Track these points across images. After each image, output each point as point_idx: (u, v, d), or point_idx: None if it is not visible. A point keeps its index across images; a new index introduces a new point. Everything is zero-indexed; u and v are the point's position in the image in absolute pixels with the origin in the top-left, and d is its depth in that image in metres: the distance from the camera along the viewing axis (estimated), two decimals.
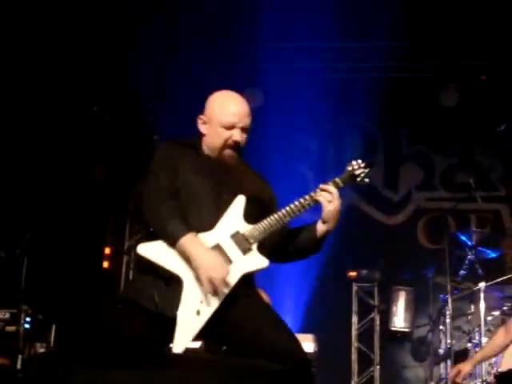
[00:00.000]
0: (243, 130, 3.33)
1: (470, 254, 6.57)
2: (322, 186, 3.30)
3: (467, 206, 7.36)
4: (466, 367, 4.93)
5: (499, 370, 5.58)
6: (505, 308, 6.09)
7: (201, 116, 3.40)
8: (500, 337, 4.89)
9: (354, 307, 7.60)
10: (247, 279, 3.23)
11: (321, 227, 3.34)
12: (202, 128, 3.39)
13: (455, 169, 7.93)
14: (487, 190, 7.58)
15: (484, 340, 5.99)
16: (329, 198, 3.28)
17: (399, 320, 7.49)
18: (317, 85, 7.81)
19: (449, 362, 6.30)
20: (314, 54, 7.67)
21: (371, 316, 7.59)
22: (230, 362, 2.90)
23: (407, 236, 7.88)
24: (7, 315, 6.01)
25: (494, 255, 6.69)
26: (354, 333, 7.54)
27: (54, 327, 6.51)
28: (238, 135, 3.31)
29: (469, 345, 6.34)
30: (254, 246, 3.21)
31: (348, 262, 7.62)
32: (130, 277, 6.93)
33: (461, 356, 6.38)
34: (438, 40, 7.31)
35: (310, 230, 3.36)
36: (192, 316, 3.07)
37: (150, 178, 3.29)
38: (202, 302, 3.09)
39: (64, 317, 6.75)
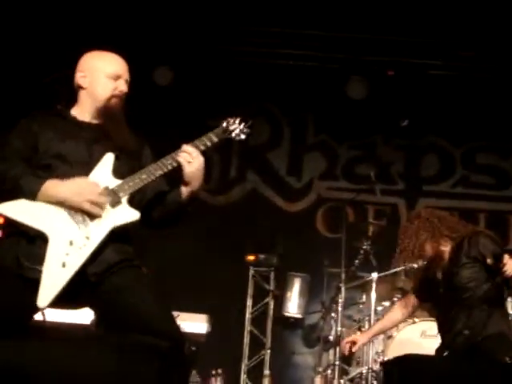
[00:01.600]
0: (127, 82, 3.39)
1: (365, 244, 6.70)
2: (183, 146, 3.30)
3: (366, 198, 7.49)
4: (362, 338, 5.04)
5: (385, 358, 5.77)
6: (395, 299, 6.26)
7: (79, 71, 3.41)
8: (398, 310, 5.00)
9: (250, 291, 7.65)
10: (123, 247, 3.22)
11: (184, 190, 3.32)
12: (82, 81, 3.39)
13: (357, 160, 8.07)
14: (386, 184, 7.76)
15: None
16: (188, 158, 3.26)
17: (293, 306, 7.58)
18: (227, 69, 7.81)
19: (338, 349, 6.43)
20: (223, 37, 7.62)
21: (266, 301, 7.65)
22: (120, 339, 2.86)
23: (307, 223, 7.97)
24: None
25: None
26: (247, 316, 7.58)
27: None
28: (124, 86, 3.36)
29: (358, 333, 6.48)
30: (124, 200, 3.21)
31: (247, 245, 7.64)
32: None
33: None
34: (350, 32, 7.39)
35: (175, 193, 3.35)
36: (57, 269, 3.01)
37: (2, 146, 3.28)
38: (67, 254, 3.04)
39: None
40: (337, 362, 6.35)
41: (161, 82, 7.76)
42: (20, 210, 3.09)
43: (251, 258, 7.60)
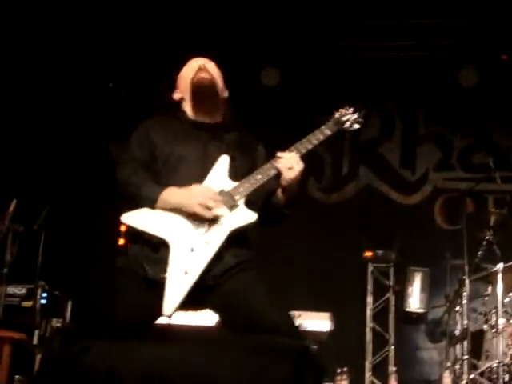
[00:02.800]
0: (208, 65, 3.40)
1: (487, 234, 6.51)
2: (280, 153, 3.24)
3: (485, 187, 7.26)
4: None
5: None
6: None
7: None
8: None
9: (370, 287, 7.58)
10: (241, 250, 3.21)
11: (281, 196, 3.30)
12: (176, 95, 3.45)
13: (473, 149, 7.87)
14: (505, 171, 7.51)
15: (501, 321, 5.95)
16: (287, 164, 3.21)
17: (414, 301, 7.46)
18: (334, 64, 7.77)
19: (465, 344, 6.27)
20: (332, 33, 7.57)
21: (386, 296, 7.56)
22: (251, 339, 2.88)
23: (424, 216, 7.83)
24: (24, 290, 6.05)
25: None
26: (368, 313, 7.52)
27: (69, 303, 6.54)
28: (200, 61, 3.40)
29: (485, 326, 6.31)
30: (241, 202, 3.19)
31: (364, 242, 7.57)
32: None
33: (477, 338, 6.36)
34: (458, 19, 7.20)
35: (275, 197, 3.33)
36: (180, 276, 3.04)
37: (123, 154, 3.38)
38: (189, 260, 3.07)
39: (80, 293, 6.77)
40: (465, 357, 6.19)
41: (268, 82, 7.79)
42: (142, 219, 3.15)
43: (369, 254, 7.53)
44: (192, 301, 3.14)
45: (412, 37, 7.51)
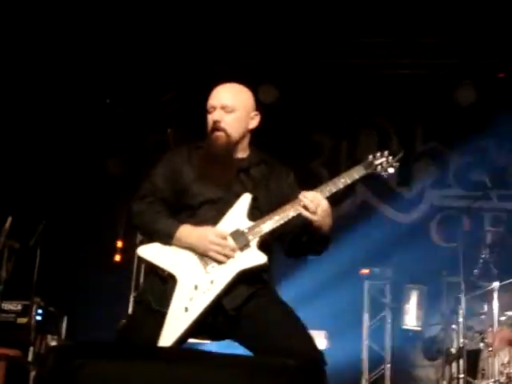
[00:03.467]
0: (224, 109, 3.28)
1: (484, 253, 6.51)
2: (301, 194, 3.14)
3: (482, 205, 7.27)
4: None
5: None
6: None
7: None
8: None
9: (366, 305, 7.55)
10: (255, 278, 3.18)
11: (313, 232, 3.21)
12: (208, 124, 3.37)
13: (470, 167, 7.88)
14: (502, 189, 7.52)
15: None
16: (311, 208, 3.11)
17: (411, 318, 7.44)
18: (331, 82, 7.79)
19: (461, 362, 6.26)
20: (330, 50, 7.60)
21: (383, 314, 7.54)
22: (245, 359, 2.87)
23: (420, 234, 7.83)
24: (19, 307, 6.03)
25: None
26: (365, 331, 7.49)
27: (65, 320, 6.52)
28: (215, 114, 3.27)
29: (481, 345, 6.30)
30: (253, 243, 3.15)
31: (360, 259, 7.56)
32: (142, 270, 6.92)
33: (473, 356, 6.35)
34: (455, 37, 7.23)
35: (307, 233, 3.24)
36: (180, 313, 3.06)
37: (144, 181, 3.35)
38: (191, 298, 3.08)
39: (75, 310, 6.76)
40: (461, 375, 6.18)
41: (266, 99, 7.79)
42: (156, 254, 3.20)
43: (365, 271, 7.51)
44: (214, 331, 3.19)
45: (409, 55, 7.53)
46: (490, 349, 5.92)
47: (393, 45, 7.36)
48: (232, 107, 3.28)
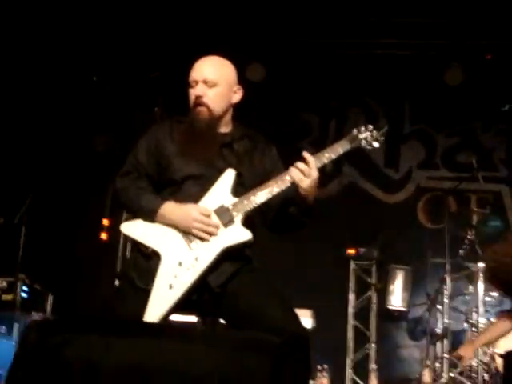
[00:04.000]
0: (207, 83, 3.23)
1: (469, 234, 6.54)
2: (295, 163, 3.15)
3: (468, 186, 7.29)
4: (468, 352, 4.85)
5: (496, 350, 5.59)
6: None
7: None
8: (506, 324, 4.77)
9: (352, 285, 7.58)
10: (239, 255, 3.18)
11: (298, 204, 3.23)
12: (190, 97, 3.33)
13: (457, 148, 7.89)
14: (489, 171, 7.53)
15: (482, 320, 5.99)
16: (300, 176, 3.13)
17: (396, 299, 7.47)
18: (320, 61, 7.76)
19: (445, 342, 6.30)
20: (318, 30, 7.56)
21: (368, 294, 7.57)
22: (229, 335, 2.87)
23: (407, 215, 7.83)
24: (4, 284, 6.01)
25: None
26: (350, 310, 7.52)
27: (50, 297, 6.51)
28: (197, 89, 3.23)
29: (465, 325, 6.35)
30: (237, 219, 3.14)
31: (347, 239, 7.58)
32: (128, 249, 6.91)
33: (457, 336, 6.40)
34: (444, 18, 7.21)
35: (294, 204, 3.25)
36: (164, 290, 3.04)
37: (128, 157, 3.34)
38: (176, 276, 3.06)
39: (61, 287, 6.74)
40: (445, 355, 6.22)
41: (254, 78, 7.76)
42: (139, 230, 3.18)
43: (352, 251, 7.54)
44: (198, 308, 3.19)
45: (398, 35, 7.50)
46: (475, 330, 5.98)
47: (382, 24, 7.33)
48: (214, 81, 3.24)
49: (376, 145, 3.33)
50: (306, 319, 5.57)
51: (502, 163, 7.80)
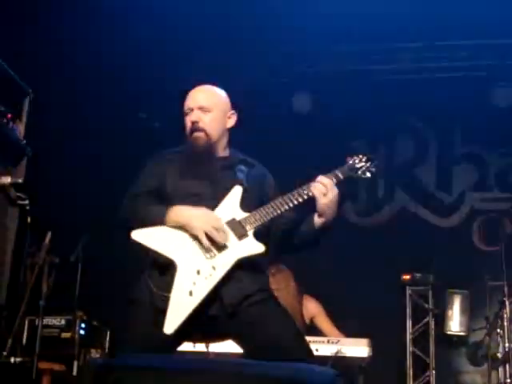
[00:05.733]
0: (201, 109, 3.37)
1: None
2: (318, 178, 3.29)
3: None
4: None
5: None
6: None
7: None
8: None
9: (409, 311, 7.48)
10: (259, 282, 3.26)
11: (317, 220, 3.33)
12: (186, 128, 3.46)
13: (510, 169, 7.79)
14: None
15: None
16: (323, 190, 3.25)
17: (455, 324, 7.36)
18: (367, 87, 7.75)
19: (507, 367, 6.16)
20: (364, 56, 7.57)
21: (426, 320, 7.47)
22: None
23: (462, 238, 7.74)
24: (63, 322, 6.09)
25: None
26: (408, 337, 7.42)
27: (108, 333, 6.57)
28: (193, 116, 3.35)
29: None
30: (250, 233, 3.23)
31: (402, 265, 7.50)
32: None
33: None
34: (491, 38, 7.15)
35: (308, 223, 3.35)
36: (184, 297, 3.07)
37: (134, 186, 3.41)
38: (194, 283, 3.10)
39: (118, 323, 6.80)
40: (508, 380, 6.09)
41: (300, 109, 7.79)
42: (152, 237, 3.19)
43: (407, 277, 7.45)
44: (212, 330, 3.21)
45: (445, 57, 7.47)
46: None
47: (427, 47, 7.32)
48: (209, 107, 3.38)
49: (368, 175, 3.46)
50: (363, 348, 5.50)
51: None
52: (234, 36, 7.08)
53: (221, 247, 3.17)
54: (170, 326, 3.03)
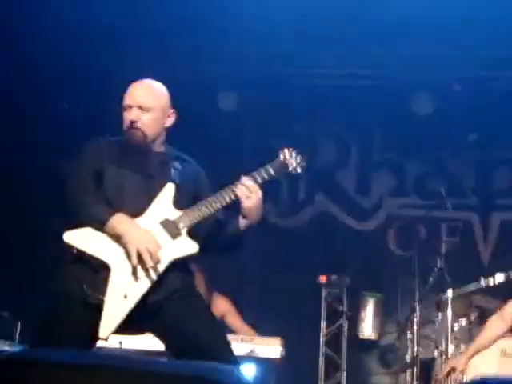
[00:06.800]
0: (141, 108, 3.34)
1: (439, 262, 6.58)
2: (242, 179, 3.31)
3: (438, 214, 7.34)
4: (460, 363, 4.84)
5: (464, 378, 5.60)
6: (471, 316, 6.11)
7: None
8: (495, 326, 4.78)
9: (323, 312, 7.57)
10: (185, 279, 3.28)
11: (242, 222, 3.37)
12: (124, 121, 3.45)
13: (427, 176, 7.95)
14: (458, 199, 7.61)
15: (451, 348, 5.99)
16: (246, 192, 3.27)
17: (367, 327, 7.49)
18: (292, 90, 7.80)
19: (415, 370, 6.30)
20: (287, 59, 7.61)
21: (340, 322, 7.57)
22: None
23: (378, 242, 7.88)
24: None
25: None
26: (321, 338, 7.51)
27: (19, 325, 6.43)
28: (132, 114, 3.33)
29: (435, 353, 6.35)
30: (184, 231, 3.23)
31: (319, 266, 7.59)
32: None
33: (427, 364, 6.40)
34: (413, 50, 7.29)
35: (232, 225, 3.39)
36: (119, 300, 3.08)
37: (72, 173, 3.38)
38: (129, 285, 3.10)
39: (30, 315, 6.66)
40: (415, 383, 6.23)
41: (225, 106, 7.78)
42: (85, 240, 3.17)
43: (323, 279, 7.54)
44: (133, 324, 3.16)
45: (367, 64, 7.58)
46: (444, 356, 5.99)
47: (350, 55, 7.41)
48: (148, 107, 3.37)
49: (299, 171, 3.53)
50: (275, 347, 5.54)
51: (471, 191, 7.87)
52: (160, 34, 7.02)
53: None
54: (106, 330, 3.03)
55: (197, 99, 7.27)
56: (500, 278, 5.48)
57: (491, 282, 5.54)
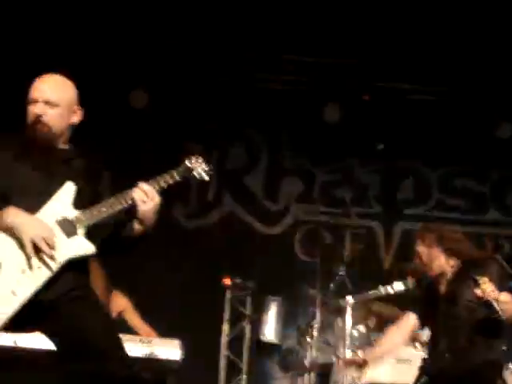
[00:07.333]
0: (47, 103, 3.29)
1: (341, 268, 6.68)
2: (139, 184, 3.28)
3: (343, 221, 7.46)
4: (372, 357, 4.92)
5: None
6: (369, 323, 6.23)
7: None
8: (394, 337, 4.88)
9: (226, 315, 7.58)
10: (79, 277, 3.22)
11: (136, 227, 3.34)
12: (28, 118, 3.36)
13: (334, 184, 8.07)
14: (363, 207, 7.76)
15: (348, 353, 6.09)
16: (142, 197, 3.25)
17: (269, 330, 7.52)
18: (205, 91, 7.80)
19: (312, 375, 6.38)
20: (204, 60, 7.61)
21: (242, 325, 7.59)
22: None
23: (284, 247, 7.95)
24: None
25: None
26: (223, 340, 7.51)
27: None
28: (37, 108, 3.28)
29: (333, 358, 6.45)
30: (80, 231, 3.18)
31: (225, 269, 7.59)
32: None
33: (325, 368, 6.50)
34: (325, 57, 7.40)
35: (128, 228, 3.36)
36: (7, 297, 3.01)
37: None
38: (18, 282, 3.04)
39: None
40: None
41: (137, 105, 7.71)
42: None
43: (227, 281, 7.54)
44: (25, 323, 3.10)
45: (282, 70, 7.64)
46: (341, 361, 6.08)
47: (264, 60, 7.46)
48: (55, 102, 3.31)
49: (206, 178, 3.49)
50: (174, 350, 5.49)
51: (376, 200, 8.03)
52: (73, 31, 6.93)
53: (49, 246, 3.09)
54: None
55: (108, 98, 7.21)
56: (398, 286, 5.61)
57: (390, 289, 5.66)
